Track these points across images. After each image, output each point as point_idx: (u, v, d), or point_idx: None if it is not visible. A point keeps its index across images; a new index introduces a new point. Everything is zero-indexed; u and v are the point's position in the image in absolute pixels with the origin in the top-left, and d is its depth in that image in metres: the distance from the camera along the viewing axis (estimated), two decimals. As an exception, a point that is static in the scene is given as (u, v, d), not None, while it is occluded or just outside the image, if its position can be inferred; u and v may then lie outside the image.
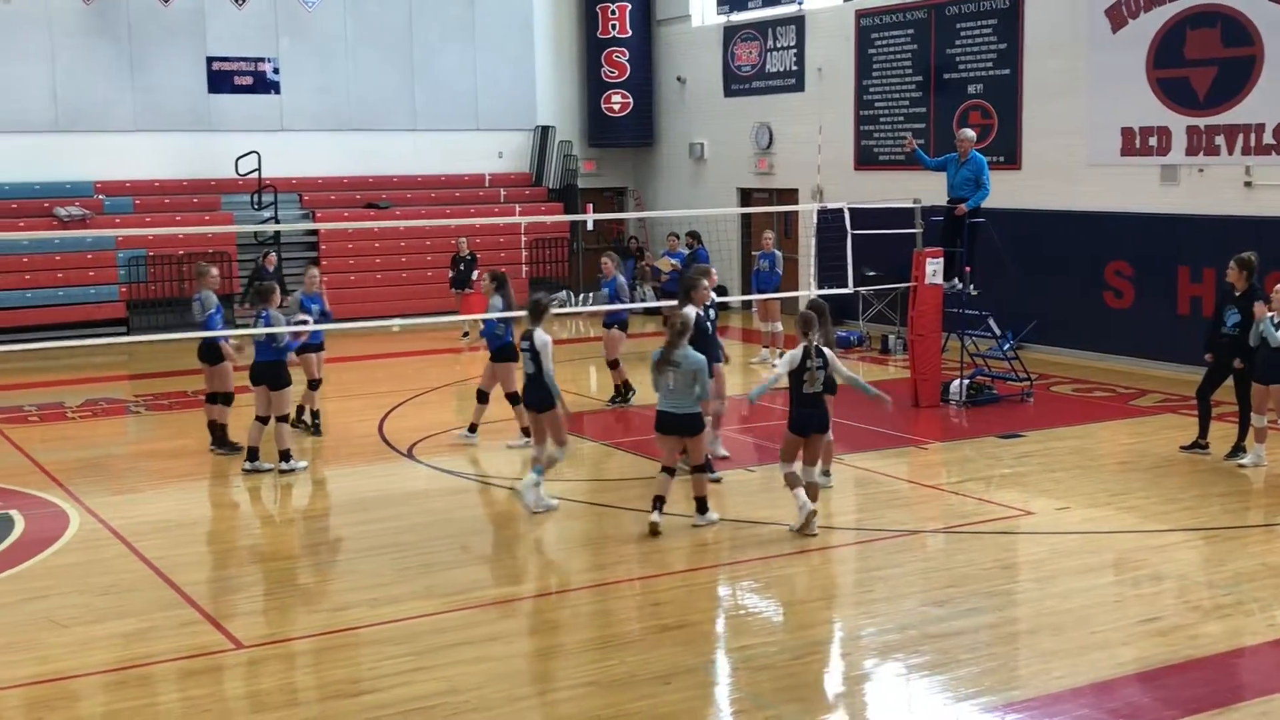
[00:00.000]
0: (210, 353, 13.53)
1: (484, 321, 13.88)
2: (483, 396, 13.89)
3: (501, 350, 13.72)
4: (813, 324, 10.51)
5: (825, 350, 10.51)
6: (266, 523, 11.75)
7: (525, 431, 13.62)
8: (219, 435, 13.66)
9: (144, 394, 17.52)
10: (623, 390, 15.86)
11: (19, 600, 9.13)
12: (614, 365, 15.84)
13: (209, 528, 11.34)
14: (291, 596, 9.37)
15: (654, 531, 10.39)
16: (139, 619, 8.71)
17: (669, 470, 10.62)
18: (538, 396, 11.25)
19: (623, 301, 15.60)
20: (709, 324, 11.87)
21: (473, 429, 13.89)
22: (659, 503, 10.49)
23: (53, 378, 18.34)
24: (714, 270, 13.26)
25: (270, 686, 7.72)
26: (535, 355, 11.19)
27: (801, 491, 10.43)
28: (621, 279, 15.85)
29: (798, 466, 10.55)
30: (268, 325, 12.64)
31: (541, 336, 11.23)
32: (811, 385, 10.35)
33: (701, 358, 10.51)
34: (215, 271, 13.98)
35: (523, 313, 11.60)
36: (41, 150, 22.93)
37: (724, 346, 12.94)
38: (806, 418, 10.40)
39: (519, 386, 13.70)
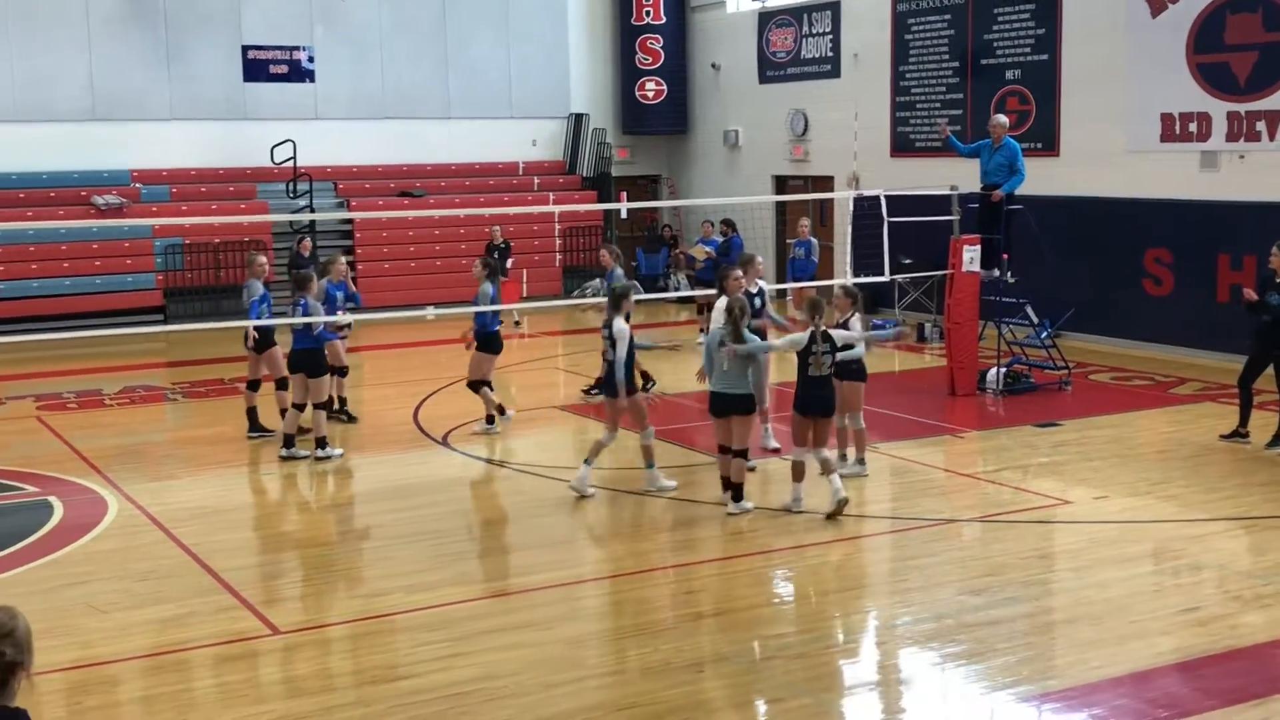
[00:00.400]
0: (257, 341, 13.53)
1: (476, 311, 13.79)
2: (480, 386, 13.84)
3: (487, 339, 13.70)
4: (820, 309, 10.67)
5: (833, 334, 10.67)
6: (303, 509, 11.80)
7: (490, 419, 13.78)
8: (281, 424, 13.45)
9: (181, 381, 17.63)
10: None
11: (59, 586, 9.20)
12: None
13: (246, 514, 11.40)
14: (328, 583, 9.41)
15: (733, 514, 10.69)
16: (177, 605, 8.77)
17: (726, 449, 10.81)
18: (613, 384, 11.33)
19: None
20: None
21: (490, 419, 13.89)
22: (728, 484, 10.78)
23: (90, 365, 18.47)
24: (759, 258, 13.19)
25: (307, 672, 7.75)
26: (615, 344, 11.29)
27: (802, 487, 10.65)
28: (620, 271, 15.50)
29: (811, 454, 10.72)
30: (305, 313, 12.68)
31: (620, 325, 11.31)
32: (817, 369, 10.53)
33: (757, 339, 10.73)
34: (263, 259, 13.93)
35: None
36: (78, 139, 23.10)
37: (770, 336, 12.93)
38: (811, 399, 10.59)
39: (492, 376, 13.77)
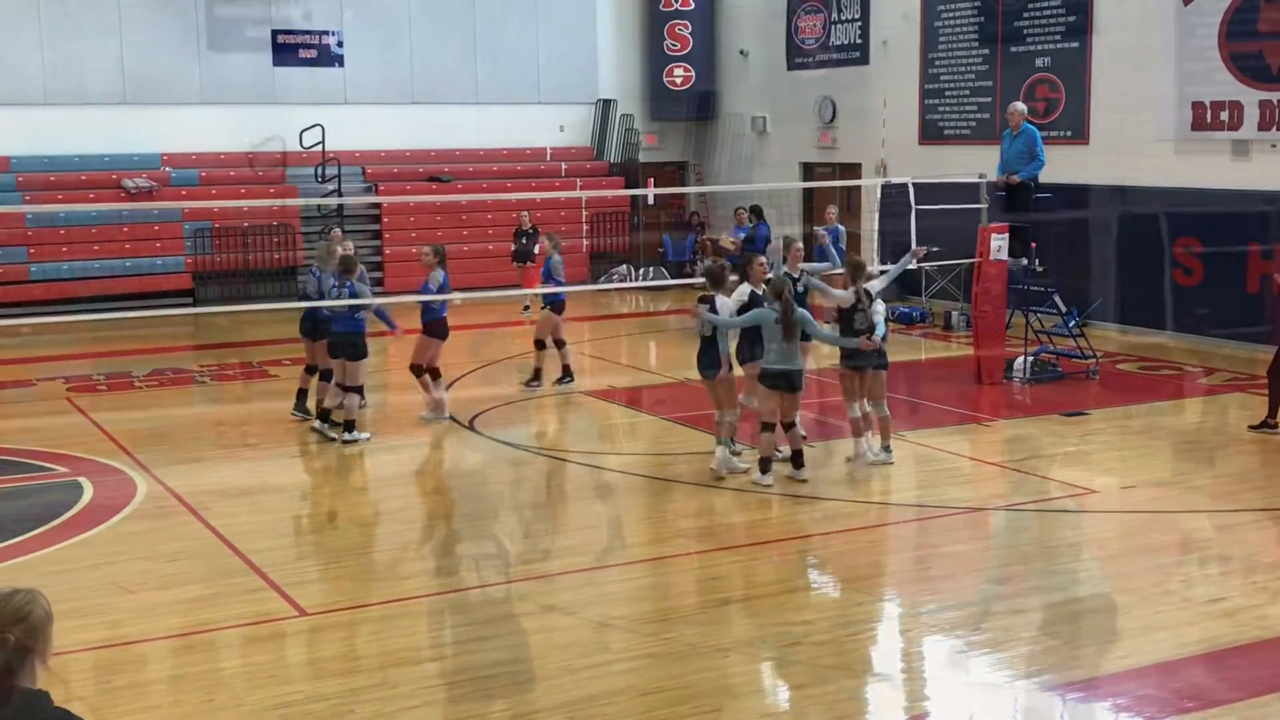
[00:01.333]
0: (316, 329, 13.55)
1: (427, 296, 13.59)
2: (431, 372, 13.71)
3: (434, 324, 13.62)
4: (862, 270, 11.55)
5: (870, 289, 11.45)
6: (330, 492, 11.85)
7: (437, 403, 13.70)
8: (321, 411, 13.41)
9: (209, 364, 17.72)
10: (537, 375, 15.31)
11: (88, 565, 9.28)
12: (540, 346, 15.27)
13: (273, 496, 11.44)
14: (354, 565, 9.45)
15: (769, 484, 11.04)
16: (204, 585, 8.83)
17: (769, 427, 11.04)
18: (713, 360, 11.40)
19: (557, 283, 15.06)
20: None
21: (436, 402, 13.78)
22: (766, 465, 11.03)
23: (120, 347, 18.57)
24: (798, 242, 13.18)
25: (332, 654, 7.80)
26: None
27: (863, 441, 11.54)
28: (557, 259, 15.10)
29: (859, 408, 11.47)
30: (352, 296, 12.74)
31: (723, 301, 11.46)
32: (864, 324, 11.31)
33: (805, 311, 11.04)
34: (340, 250, 13.81)
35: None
36: (110, 122, 23.18)
37: None
38: (859, 353, 11.28)
39: (439, 361, 13.75)
